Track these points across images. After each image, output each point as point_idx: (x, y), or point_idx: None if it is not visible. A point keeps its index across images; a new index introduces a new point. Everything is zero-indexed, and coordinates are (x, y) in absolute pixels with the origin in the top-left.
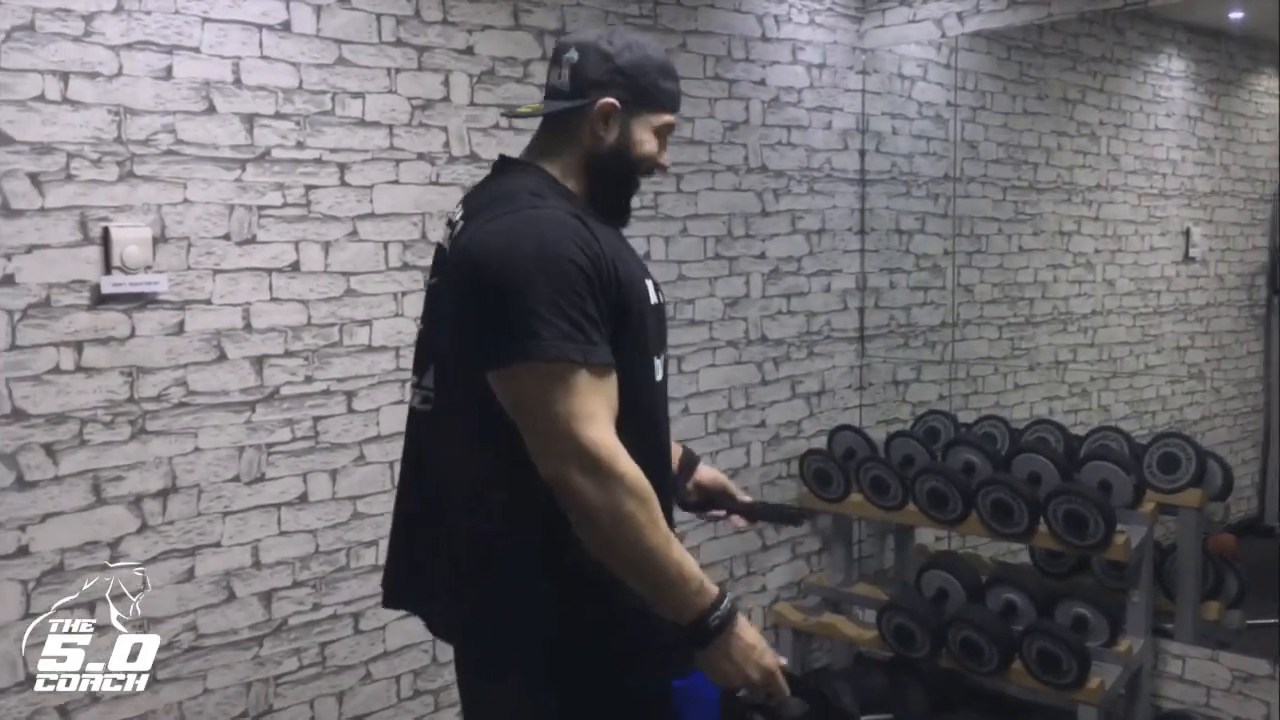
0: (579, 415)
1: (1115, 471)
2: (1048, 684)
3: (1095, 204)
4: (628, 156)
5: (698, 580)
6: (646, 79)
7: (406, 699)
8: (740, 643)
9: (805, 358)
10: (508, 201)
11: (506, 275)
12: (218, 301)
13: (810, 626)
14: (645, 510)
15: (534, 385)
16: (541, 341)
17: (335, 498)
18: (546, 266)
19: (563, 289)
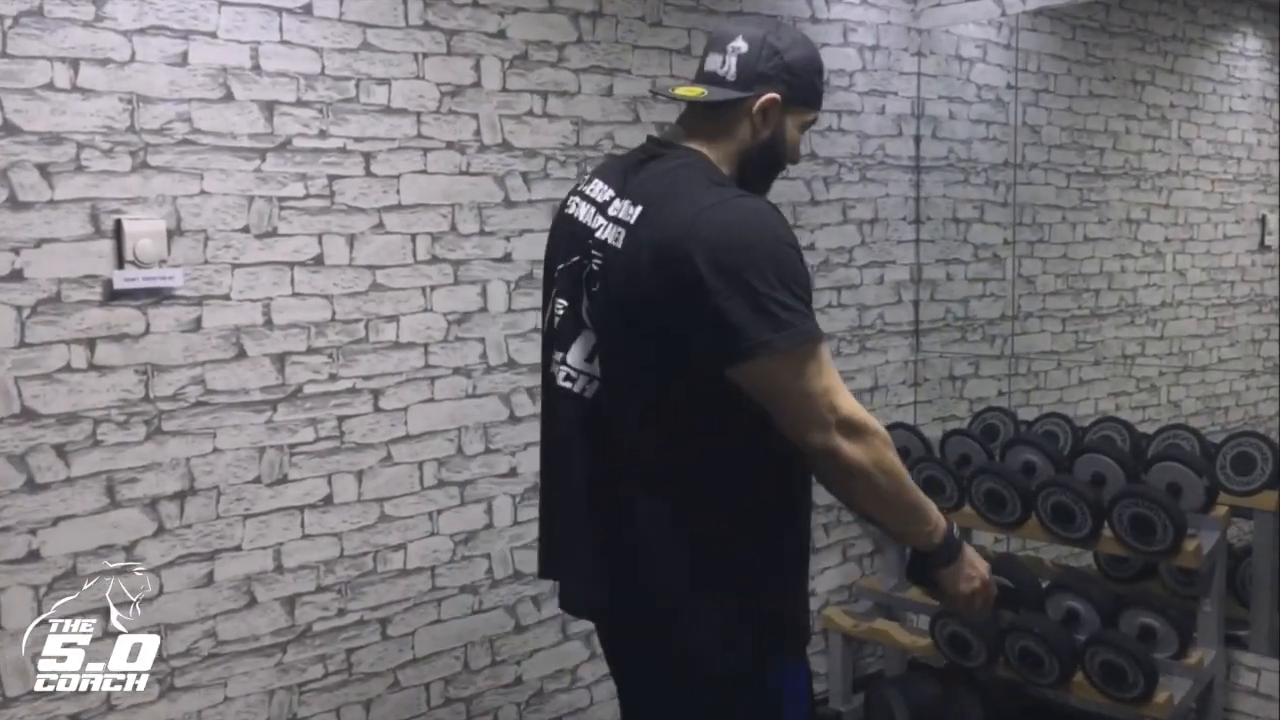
0: (833, 388)
1: (1185, 473)
2: (1112, 698)
3: (1165, 190)
4: (780, 150)
5: (937, 509)
6: (808, 77)
7: (437, 706)
8: (971, 554)
9: (857, 353)
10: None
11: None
12: (237, 297)
13: (861, 632)
14: (898, 458)
15: (791, 368)
16: (795, 329)
17: (361, 500)
18: (780, 255)
19: (796, 273)
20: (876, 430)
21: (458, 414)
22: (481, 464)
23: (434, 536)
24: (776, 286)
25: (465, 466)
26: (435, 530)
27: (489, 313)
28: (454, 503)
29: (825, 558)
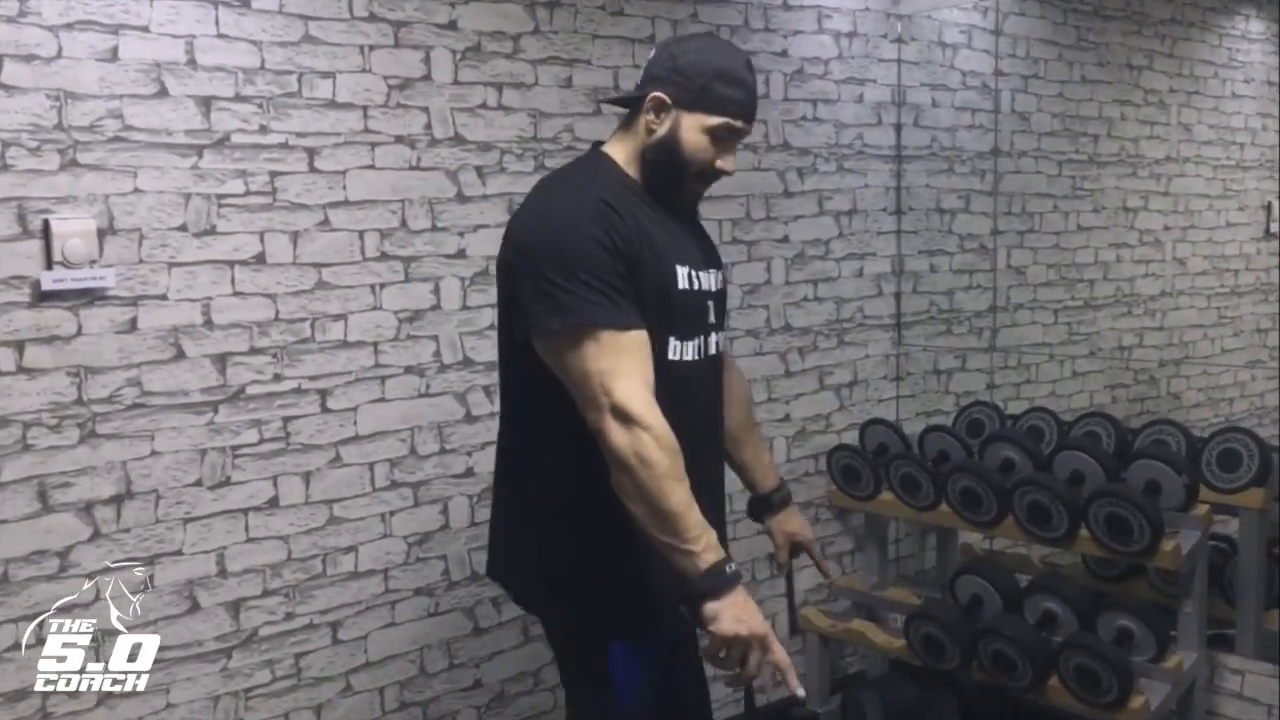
0: (613, 373)
1: (1165, 471)
2: (1086, 702)
3: (1164, 178)
4: (675, 151)
5: (714, 534)
6: (700, 80)
7: (392, 711)
8: (748, 598)
9: (835, 347)
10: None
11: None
12: (174, 296)
13: (838, 633)
14: (671, 460)
15: (571, 348)
16: (574, 315)
17: (309, 501)
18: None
19: (586, 265)
20: (650, 425)
21: (410, 414)
22: (436, 464)
23: (387, 538)
24: (563, 274)
25: (419, 467)
26: (388, 532)
27: (442, 310)
28: (407, 504)
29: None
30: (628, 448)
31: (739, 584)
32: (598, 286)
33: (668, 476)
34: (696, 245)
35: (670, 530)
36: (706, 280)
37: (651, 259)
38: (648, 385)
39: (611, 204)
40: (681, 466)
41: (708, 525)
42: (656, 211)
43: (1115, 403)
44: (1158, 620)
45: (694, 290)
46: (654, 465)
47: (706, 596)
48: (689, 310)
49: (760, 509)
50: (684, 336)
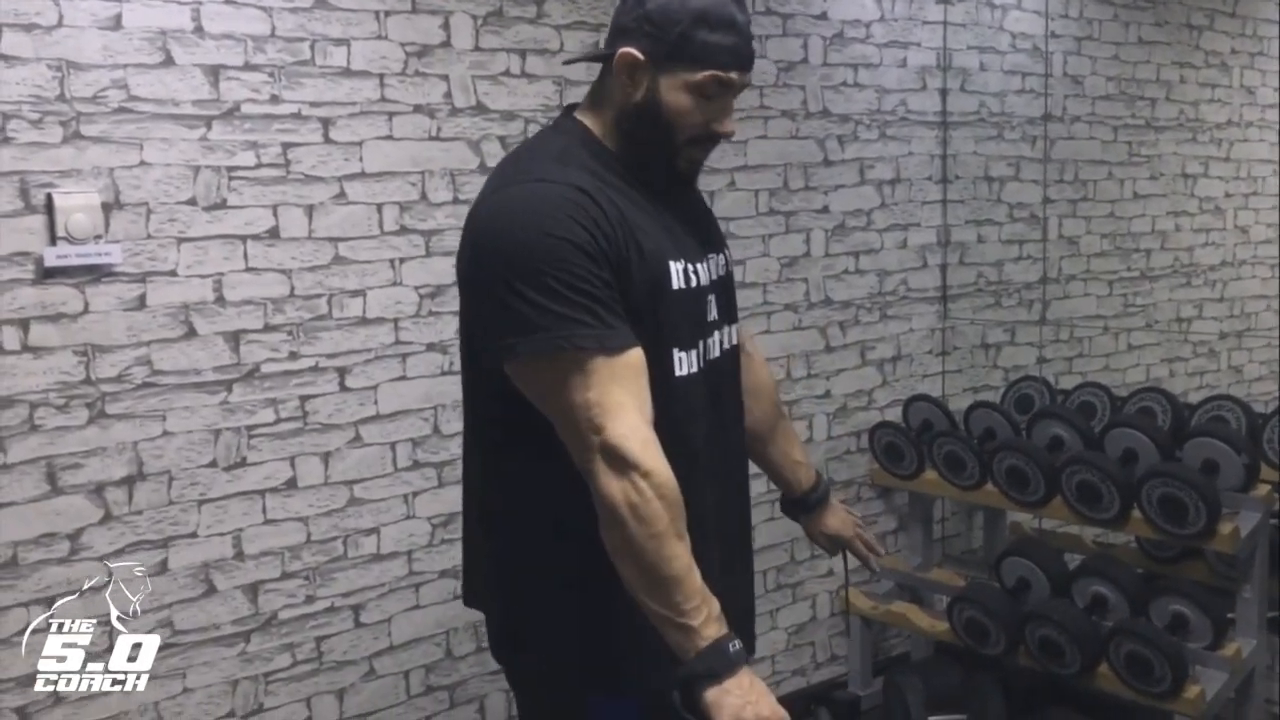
0: (603, 407)
1: (1223, 449)
2: (1138, 691)
3: (1226, 143)
4: (657, 118)
5: (717, 605)
6: (676, 29)
7: (417, 695)
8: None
9: (877, 321)
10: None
11: (501, 261)
12: (184, 272)
13: (880, 615)
14: (670, 515)
15: (550, 378)
16: (549, 333)
17: (328, 482)
18: (543, 249)
19: (560, 271)
20: (650, 471)
21: (433, 392)
22: (460, 444)
23: (410, 520)
24: (534, 284)
25: (443, 446)
26: (411, 513)
27: None
28: (431, 484)
29: None
30: (620, 497)
31: (744, 664)
32: (578, 299)
33: (666, 535)
34: (692, 228)
35: (664, 598)
36: (705, 271)
37: (639, 258)
38: (646, 419)
39: (589, 192)
40: (683, 521)
41: (709, 594)
42: (642, 193)
43: (1173, 377)
44: (1214, 605)
45: (690, 289)
46: (651, 521)
47: (705, 681)
48: (686, 314)
49: (796, 511)
50: (685, 346)
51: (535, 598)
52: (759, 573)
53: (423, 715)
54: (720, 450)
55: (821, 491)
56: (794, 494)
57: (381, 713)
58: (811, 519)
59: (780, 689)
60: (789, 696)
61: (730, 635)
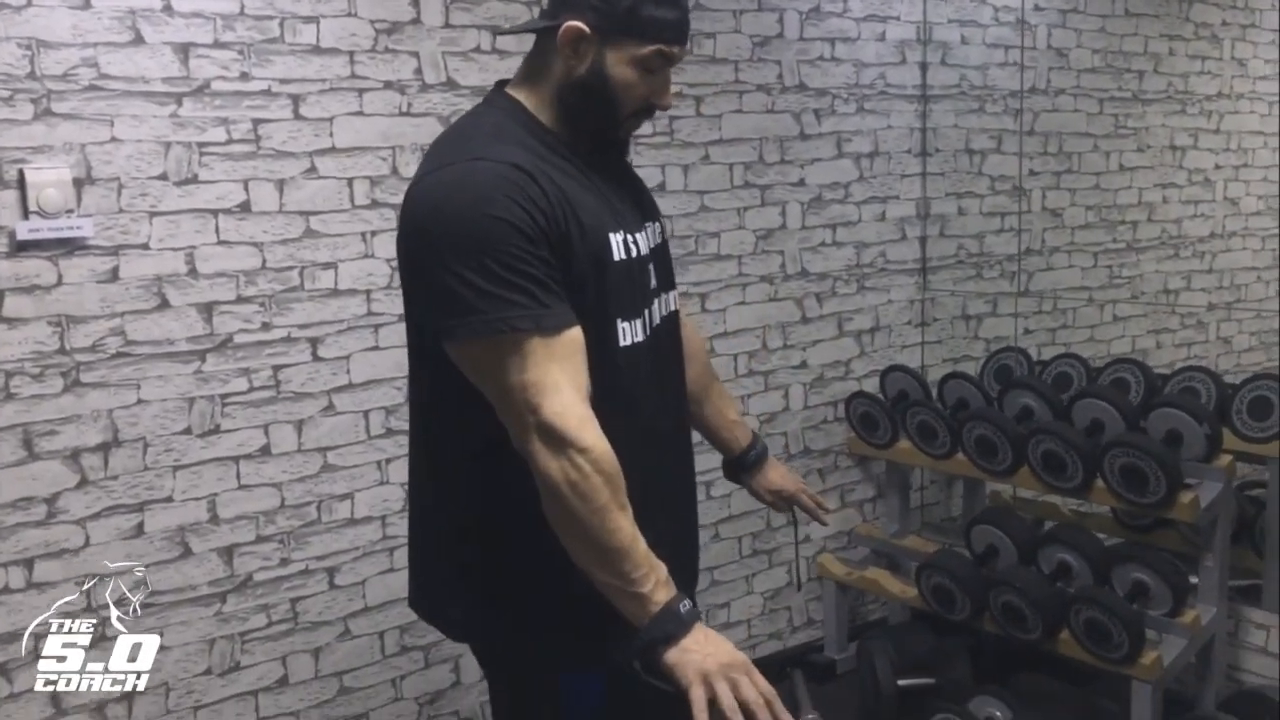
0: (539, 388)
1: (1187, 421)
2: (1098, 657)
3: (1216, 115)
4: (602, 93)
5: (664, 570)
6: (624, 3)
7: (392, 654)
8: (711, 634)
9: (855, 293)
10: (453, 147)
11: (437, 242)
12: (156, 246)
13: (854, 580)
14: (611, 489)
15: (486, 360)
16: (485, 315)
17: (302, 449)
18: (480, 230)
19: (498, 253)
20: (586, 447)
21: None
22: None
23: (384, 485)
24: (473, 265)
25: None
26: (385, 479)
27: None
28: (404, 451)
29: None
30: (559, 475)
31: (697, 622)
32: (515, 280)
33: (607, 508)
34: (629, 198)
35: (611, 570)
36: (643, 241)
37: (579, 234)
38: (582, 397)
39: (527, 170)
40: (624, 493)
41: (655, 560)
42: (580, 168)
43: (1159, 348)
44: (1174, 574)
45: (632, 259)
46: (591, 497)
47: (663, 645)
48: (629, 284)
49: (736, 471)
50: (630, 315)
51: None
52: (734, 539)
53: (398, 674)
54: (667, 415)
55: (760, 449)
56: (733, 453)
57: (357, 671)
58: (754, 477)
59: (756, 652)
60: (765, 660)
61: (680, 596)
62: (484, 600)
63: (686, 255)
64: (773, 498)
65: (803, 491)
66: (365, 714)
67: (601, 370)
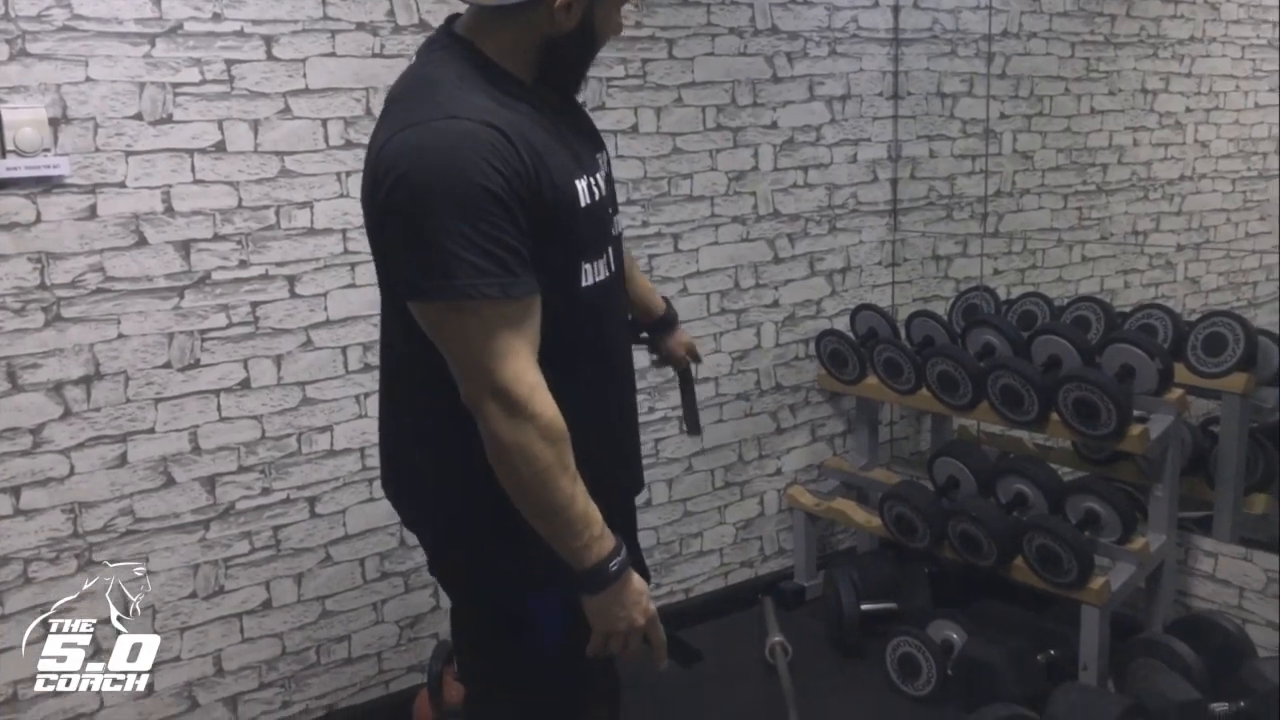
0: (496, 352)
1: (1140, 356)
2: (1049, 582)
3: (1188, 58)
4: (590, 43)
5: (599, 525)
6: None
7: (373, 580)
8: (632, 589)
9: (826, 233)
10: (423, 100)
11: (416, 204)
12: (133, 184)
13: (821, 511)
14: (555, 452)
15: (450, 322)
16: (457, 280)
17: (281, 383)
18: (460, 196)
19: (476, 220)
20: (535, 414)
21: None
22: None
23: (362, 419)
24: (444, 229)
25: None
26: (363, 413)
27: None
28: None
29: (793, 437)
30: (507, 438)
31: (622, 577)
32: (486, 246)
33: (549, 471)
34: (584, 137)
35: (548, 526)
36: (601, 179)
37: (550, 185)
38: (534, 364)
39: (500, 128)
40: (567, 455)
41: (591, 517)
42: (543, 113)
43: (1128, 288)
44: (1123, 504)
45: (595, 202)
46: (534, 460)
47: (587, 595)
48: (594, 226)
49: (663, 330)
50: (594, 256)
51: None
52: (707, 472)
53: (379, 599)
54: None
55: (674, 311)
56: (654, 316)
57: (338, 596)
58: (668, 337)
59: (729, 580)
60: (737, 587)
61: (610, 555)
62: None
63: (659, 196)
64: (683, 350)
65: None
66: (347, 636)
67: (567, 312)
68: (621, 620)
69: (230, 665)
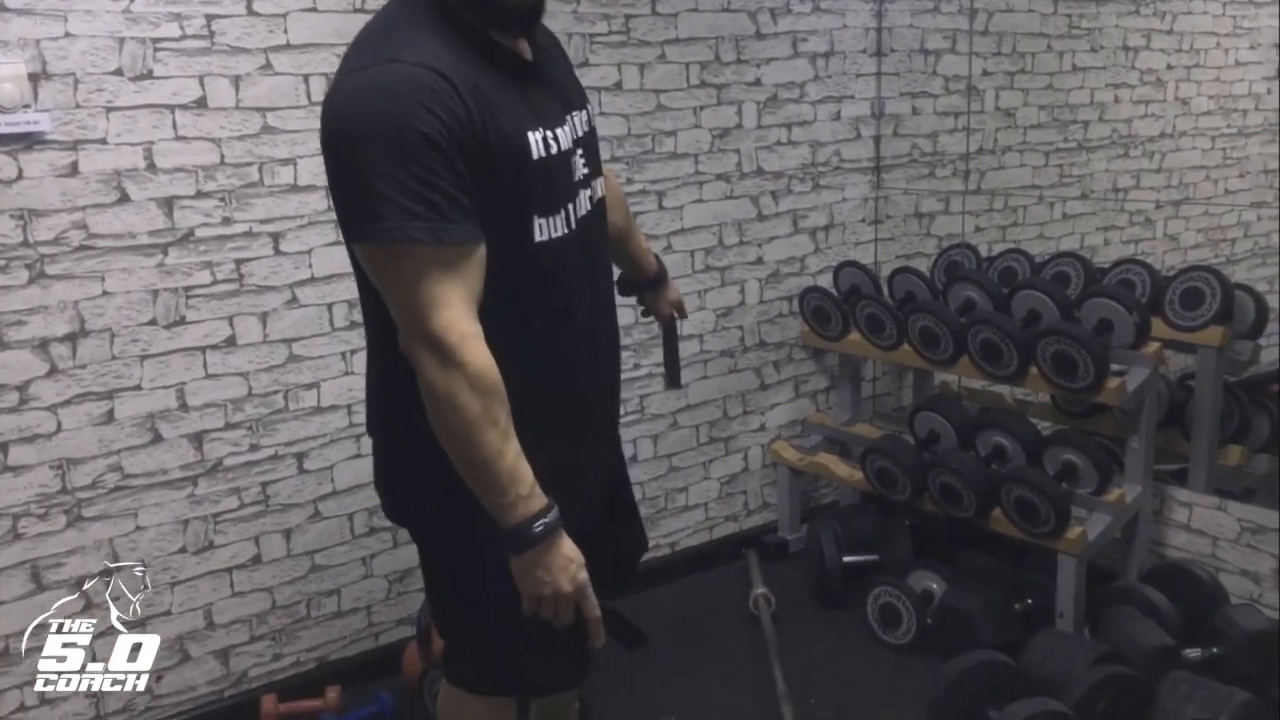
0: (430, 300)
1: (1118, 310)
2: (1027, 533)
3: (1169, 15)
4: None
5: (528, 485)
6: None
7: (361, 535)
8: (559, 554)
9: (810, 190)
10: (373, 45)
11: (352, 147)
12: (114, 140)
13: (805, 465)
14: (484, 404)
15: (384, 266)
16: (386, 223)
17: (267, 340)
18: (394, 139)
19: (409, 163)
20: (465, 362)
21: None
22: None
23: (349, 376)
24: (381, 174)
25: None
26: (350, 370)
27: None
28: None
29: (777, 393)
30: (438, 387)
31: (544, 542)
32: (423, 192)
33: (477, 423)
34: (550, 90)
35: (473, 478)
36: (565, 135)
37: (497, 134)
38: (470, 313)
39: (445, 73)
40: (498, 409)
41: (519, 475)
42: (500, 62)
43: (1108, 245)
44: (1101, 455)
45: (551, 155)
46: (463, 410)
47: (511, 552)
48: (549, 180)
49: (652, 286)
50: (549, 211)
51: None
52: (692, 428)
53: (367, 553)
54: (594, 304)
55: (663, 269)
56: (649, 274)
57: (328, 550)
58: (659, 292)
59: (714, 534)
60: (722, 541)
61: (538, 515)
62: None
63: (643, 154)
64: (668, 306)
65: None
66: (337, 590)
67: (519, 267)
68: (545, 585)
69: (221, 619)
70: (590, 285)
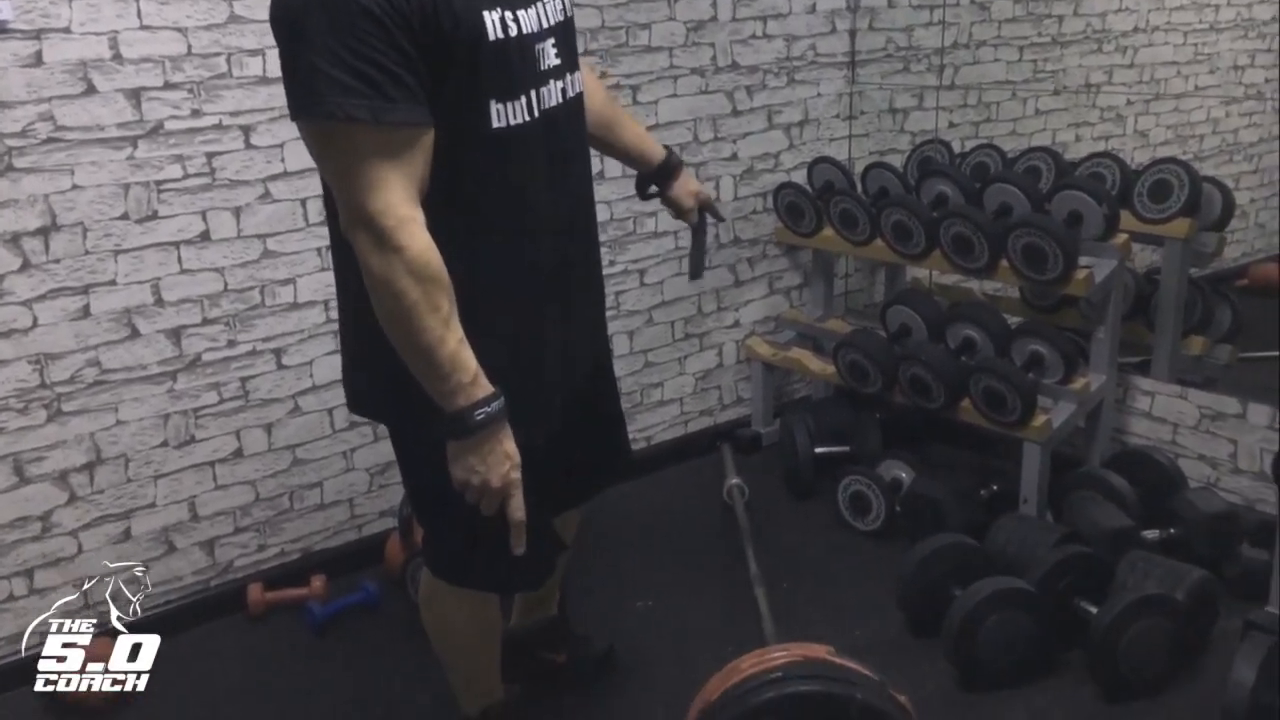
0: (368, 181)
1: (1087, 202)
2: (995, 421)
3: None
4: None
5: (470, 373)
6: None
7: (342, 429)
8: (497, 447)
9: (784, 85)
10: None
11: (294, 20)
12: (78, 30)
13: (778, 360)
14: (423, 289)
15: (323, 145)
16: (324, 100)
17: (241, 235)
18: (331, 13)
19: (347, 37)
20: (402, 247)
21: None
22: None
23: (325, 271)
24: (319, 49)
25: None
26: (325, 266)
27: None
28: None
29: (751, 289)
30: (376, 271)
31: (484, 431)
32: (362, 67)
33: (415, 309)
34: None
35: (414, 364)
36: (529, 19)
37: (449, 15)
38: (410, 197)
39: None
40: (439, 295)
41: (461, 363)
42: None
43: (1079, 141)
44: (1066, 345)
45: (510, 38)
46: (400, 296)
47: (450, 439)
48: (506, 64)
49: (663, 178)
50: (507, 96)
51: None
52: (667, 324)
53: (348, 447)
54: (561, 197)
55: (676, 157)
56: (653, 164)
57: (309, 444)
58: (673, 183)
59: (689, 428)
60: (697, 434)
61: (479, 404)
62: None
63: (617, 47)
64: (692, 200)
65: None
66: (319, 483)
67: (474, 154)
68: (475, 475)
69: (205, 511)
70: (558, 177)
